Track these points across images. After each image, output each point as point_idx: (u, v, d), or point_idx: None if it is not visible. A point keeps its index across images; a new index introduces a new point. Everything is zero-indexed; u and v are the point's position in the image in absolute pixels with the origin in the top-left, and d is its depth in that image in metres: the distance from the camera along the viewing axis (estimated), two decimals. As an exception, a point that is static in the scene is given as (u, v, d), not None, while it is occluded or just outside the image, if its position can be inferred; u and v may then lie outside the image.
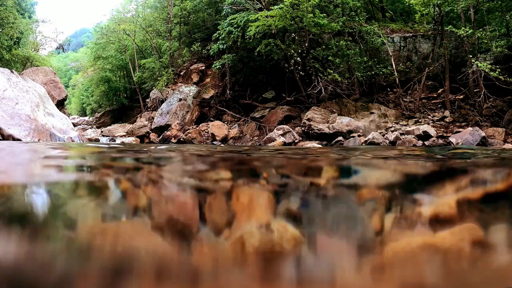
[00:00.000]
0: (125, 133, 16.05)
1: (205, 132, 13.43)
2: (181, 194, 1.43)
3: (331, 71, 11.73)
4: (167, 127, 14.39)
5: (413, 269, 0.73)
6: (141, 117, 18.19)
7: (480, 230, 0.90)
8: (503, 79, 9.72)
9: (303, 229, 0.94)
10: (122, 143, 11.79)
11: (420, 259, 0.76)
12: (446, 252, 0.78)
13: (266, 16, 11.84)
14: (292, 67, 12.60)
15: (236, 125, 14.25)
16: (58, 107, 13.06)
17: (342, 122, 11.18)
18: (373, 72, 12.44)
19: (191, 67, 17.56)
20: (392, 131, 10.79)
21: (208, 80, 17.00)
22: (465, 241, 0.84)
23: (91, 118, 29.80)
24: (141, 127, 15.74)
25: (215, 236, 0.88)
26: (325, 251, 0.81)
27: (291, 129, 11.69)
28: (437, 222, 1.03)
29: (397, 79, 12.39)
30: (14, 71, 10.49)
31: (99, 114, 27.97)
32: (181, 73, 17.75)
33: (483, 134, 9.05)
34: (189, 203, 1.25)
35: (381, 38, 12.87)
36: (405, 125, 11.29)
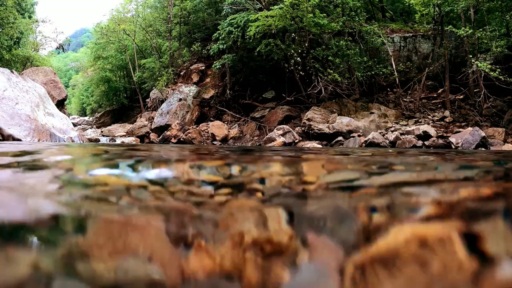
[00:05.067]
0: (125, 133, 16.06)
1: (205, 132, 13.43)
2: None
3: (331, 71, 11.73)
4: (167, 127, 14.39)
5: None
6: (141, 117, 18.19)
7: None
8: (503, 79, 9.72)
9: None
10: (123, 143, 11.79)
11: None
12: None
13: (266, 16, 11.83)
14: (292, 67, 12.60)
15: (236, 125, 14.25)
16: (58, 107, 13.06)
17: (342, 122, 11.18)
18: (373, 72, 12.44)
19: (191, 67, 17.56)
20: (392, 131, 10.79)
21: (208, 80, 17.00)
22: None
23: (91, 118, 29.80)
24: (141, 127, 15.74)
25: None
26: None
27: (291, 129, 11.68)
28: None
29: (397, 79, 12.39)
30: (14, 71, 10.49)
31: (99, 114, 27.99)
32: (181, 73, 17.75)
33: (483, 134, 9.05)
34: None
35: (381, 38, 12.87)
36: (405, 125, 11.29)
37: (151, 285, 0.67)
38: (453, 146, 9.22)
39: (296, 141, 11.19)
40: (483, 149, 8.69)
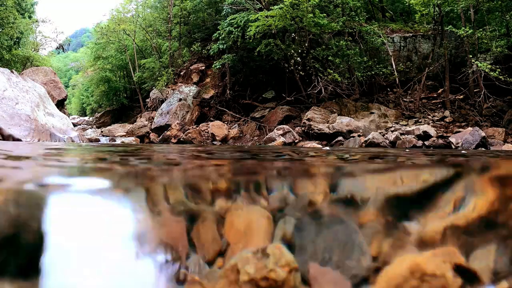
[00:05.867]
0: (125, 133, 16.05)
1: (205, 132, 13.43)
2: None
3: (331, 71, 11.72)
4: (167, 127, 14.39)
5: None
6: (141, 117, 18.19)
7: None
8: (503, 79, 9.72)
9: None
10: (123, 143, 11.79)
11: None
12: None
13: (266, 16, 11.83)
14: (292, 67, 12.60)
15: (236, 125, 14.25)
16: (58, 107, 13.06)
17: (342, 122, 11.18)
18: (373, 72, 12.43)
19: (191, 67, 17.56)
20: (392, 131, 10.79)
21: (208, 80, 17.00)
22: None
23: (91, 118, 29.79)
24: (141, 127, 15.74)
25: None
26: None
27: (291, 129, 11.68)
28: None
29: (397, 79, 12.39)
30: (14, 71, 10.49)
31: (99, 114, 27.97)
32: (181, 73, 17.75)
33: (483, 134, 9.05)
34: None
35: (381, 38, 12.86)
36: (405, 125, 11.29)
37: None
38: (453, 146, 9.22)
39: (296, 141, 11.19)
40: (483, 149, 8.69)
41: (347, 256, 0.91)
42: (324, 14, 12.14)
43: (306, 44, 12.51)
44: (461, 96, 11.75)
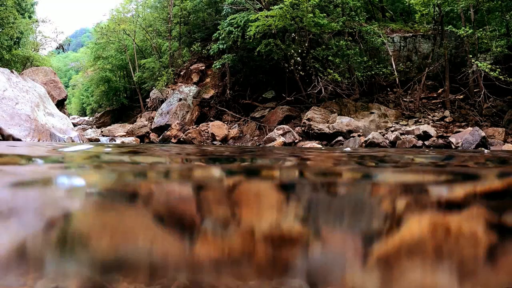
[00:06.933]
0: (125, 133, 16.05)
1: (205, 132, 13.43)
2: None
3: (331, 71, 11.72)
4: (167, 127, 14.39)
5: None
6: (141, 117, 18.19)
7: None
8: (503, 79, 9.72)
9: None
10: (123, 143, 11.79)
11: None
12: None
13: (266, 16, 11.84)
14: (292, 67, 12.60)
15: (236, 125, 14.25)
16: (58, 107, 13.06)
17: (342, 122, 11.18)
18: (373, 72, 12.43)
19: (191, 67, 17.55)
20: (392, 131, 10.79)
21: (208, 80, 17.00)
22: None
23: (91, 118, 29.78)
24: (141, 127, 15.73)
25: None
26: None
27: (291, 129, 11.68)
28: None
29: (397, 79, 12.39)
30: (14, 71, 10.49)
31: (99, 114, 27.96)
32: (181, 73, 17.75)
33: (483, 134, 9.05)
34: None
35: (381, 38, 12.86)
36: (405, 125, 11.29)
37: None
38: (453, 146, 9.22)
39: (296, 141, 11.19)
40: (483, 149, 8.70)
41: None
42: (324, 14, 12.14)
43: (306, 44, 12.51)
44: (461, 96, 11.75)
